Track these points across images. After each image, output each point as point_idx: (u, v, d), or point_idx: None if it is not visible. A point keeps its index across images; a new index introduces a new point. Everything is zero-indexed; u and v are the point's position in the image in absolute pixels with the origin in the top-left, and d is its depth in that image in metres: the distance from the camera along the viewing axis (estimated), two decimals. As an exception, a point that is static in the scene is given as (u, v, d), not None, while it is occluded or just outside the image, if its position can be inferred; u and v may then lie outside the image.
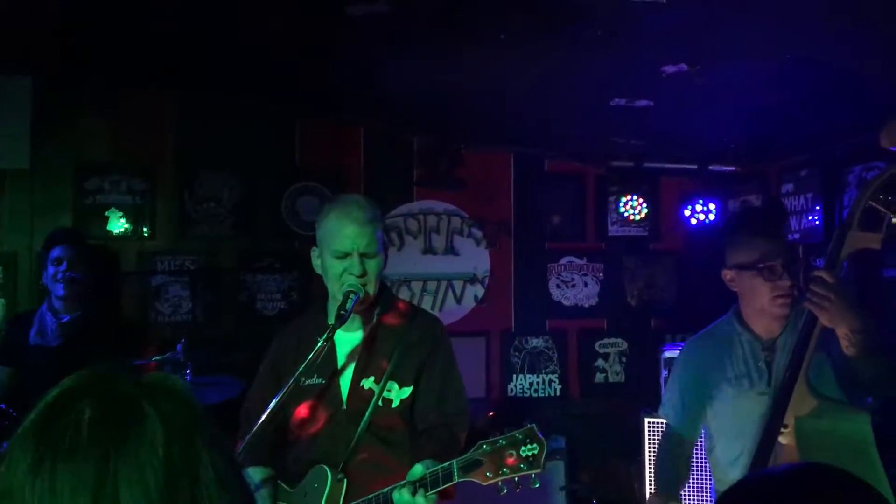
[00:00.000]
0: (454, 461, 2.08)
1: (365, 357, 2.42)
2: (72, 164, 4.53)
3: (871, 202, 2.26)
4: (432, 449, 2.27)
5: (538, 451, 2.03)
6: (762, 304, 2.52)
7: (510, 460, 2.03)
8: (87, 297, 3.95)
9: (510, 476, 2.03)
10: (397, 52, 3.43)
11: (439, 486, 2.10)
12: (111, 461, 0.79)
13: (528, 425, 2.07)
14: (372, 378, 2.39)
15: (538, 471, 2.03)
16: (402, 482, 2.15)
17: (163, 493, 0.78)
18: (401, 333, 2.43)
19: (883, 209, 2.24)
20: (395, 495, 2.14)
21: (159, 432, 0.80)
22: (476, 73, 3.62)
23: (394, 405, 2.38)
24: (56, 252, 3.87)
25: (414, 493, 2.11)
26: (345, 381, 2.41)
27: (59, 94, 4.40)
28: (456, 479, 2.07)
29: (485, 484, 2.05)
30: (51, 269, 3.87)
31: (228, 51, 3.68)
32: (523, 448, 2.03)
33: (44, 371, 3.50)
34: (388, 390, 2.38)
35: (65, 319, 3.86)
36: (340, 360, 2.44)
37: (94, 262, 4.10)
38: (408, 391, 2.39)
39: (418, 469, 2.14)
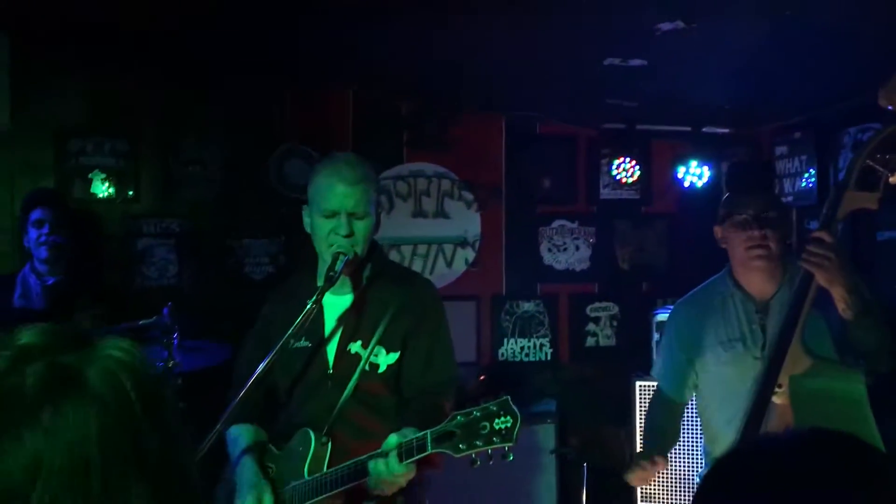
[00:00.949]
0: (428, 432, 2.05)
1: (353, 321, 2.38)
2: (53, 126, 4.44)
3: (868, 161, 2.24)
4: (415, 418, 2.24)
5: (511, 424, 1.99)
6: (740, 257, 2.54)
7: (483, 432, 1.99)
8: (71, 260, 3.89)
9: (483, 448, 2.00)
10: (385, 15, 3.34)
11: (414, 457, 2.07)
12: (43, 432, 0.76)
13: (503, 397, 2.03)
14: (359, 342, 2.35)
15: (511, 444, 2.00)
16: (377, 451, 2.12)
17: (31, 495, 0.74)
18: (391, 297, 2.39)
19: (880, 168, 2.23)
20: (371, 464, 2.11)
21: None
22: (466, 34, 3.54)
23: (380, 370, 2.35)
24: (37, 214, 3.80)
25: (387, 462, 2.08)
26: (332, 345, 2.38)
27: (40, 53, 4.29)
28: (429, 451, 2.04)
29: (457, 456, 2.01)
30: (32, 232, 3.80)
31: (212, 15, 3.58)
32: (497, 420, 1.99)
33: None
34: (375, 355, 2.34)
35: (49, 282, 3.81)
36: (328, 324, 2.40)
37: (77, 224, 4.03)
38: (395, 356, 2.36)
39: (393, 439, 2.11)
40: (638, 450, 4.03)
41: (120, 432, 0.78)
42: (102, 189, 4.50)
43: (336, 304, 2.41)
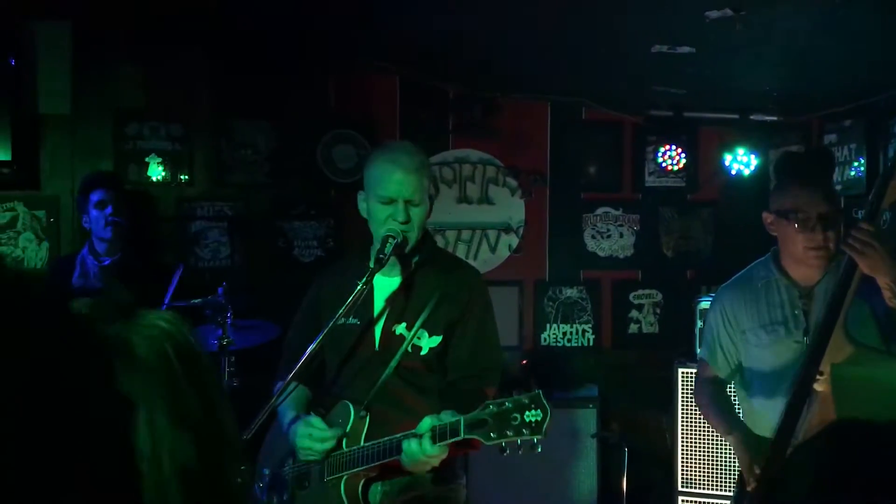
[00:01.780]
0: (462, 417, 2.12)
1: (400, 303, 2.45)
2: (111, 110, 4.58)
3: None
4: (458, 401, 2.30)
5: (542, 418, 2.05)
6: (796, 254, 2.52)
7: (514, 423, 2.05)
8: (128, 241, 4.02)
9: (513, 439, 2.06)
10: (434, 0, 3.39)
11: (447, 440, 2.14)
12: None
13: (536, 391, 2.09)
14: (404, 324, 2.43)
15: (540, 437, 2.05)
16: (411, 431, 2.20)
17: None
18: (438, 283, 2.45)
19: None
20: (405, 443, 2.19)
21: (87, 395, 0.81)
22: (512, 19, 3.57)
23: (423, 353, 2.42)
24: (98, 195, 3.93)
25: (420, 443, 2.16)
26: (378, 325, 2.46)
27: (99, 39, 4.42)
28: (461, 436, 2.11)
29: (488, 444, 2.09)
30: (94, 213, 3.92)
31: (262, 3, 3.66)
32: (528, 413, 2.05)
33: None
34: (419, 338, 2.42)
35: (106, 262, 3.94)
36: (377, 304, 2.47)
37: (134, 206, 4.16)
38: (437, 340, 2.42)
39: (427, 421, 2.19)
40: (680, 441, 4.05)
41: (164, 396, 0.83)
42: (158, 172, 4.64)
43: (385, 285, 2.48)
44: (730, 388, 2.87)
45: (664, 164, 4.96)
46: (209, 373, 0.90)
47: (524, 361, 4.92)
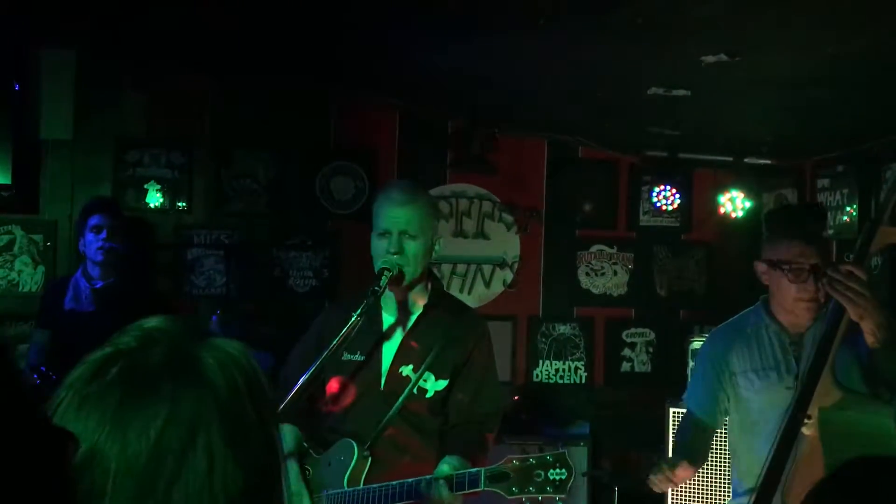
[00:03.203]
0: (482, 469, 2.15)
1: (408, 345, 2.48)
2: (112, 137, 4.62)
3: None
4: (460, 446, 2.34)
5: (566, 477, 2.09)
6: (787, 303, 2.55)
7: (538, 480, 2.08)
8: (123, 266, 4.03)
9: (535, 495, 2.09)
10: (434, 34, 3.45)
11: (465, 490, 2.16)
12: (107, 424, 0.82)
13: (561, 451, 2.13)
14: (411, 366, 2.45)
15: (563, 496, 2.09)
16: (427, 476, 2.21)
17: (145, 469, 0.81)
18: (445, 327, 2.49)
19: None
20: (423, 487, 2.20)
21: (162, 413, 0.83)
22: (512, 57, 3.63)
23: (428, 395, 2.44)
24: (95, 220, 3.94)
25: (439, 488, 2.17)
26: (385, 364, 2.48)
27: (102, 67, 4.48)
28: (482, 487, 2.14)
29: (509, 497, 2.11)
30: (89, 237, 3.94)
31: (264, 31, 3.72)
32: (552, 471, 2.09)
33: (77, 335, 3.59)
34: (424, 380, 2.44)
35: (98, 286, 3.94)
36: (384, 343, 2.50)
37: (132, 232, 4.18)
38: (443, 384, 2.45)
39: (445, 468, 2.21)
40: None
41: (226, 416, 0.85)
42: (156, 199, 4.67)
43: (394, 325, 2.52)
44: (725, 428, 2.88)
45: (659, 204, 5.01)
46: (270, 402, 0.92)
47: (516, 397, 4.91)
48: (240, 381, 0.88)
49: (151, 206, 4.66)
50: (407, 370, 2.45)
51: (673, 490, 4.06)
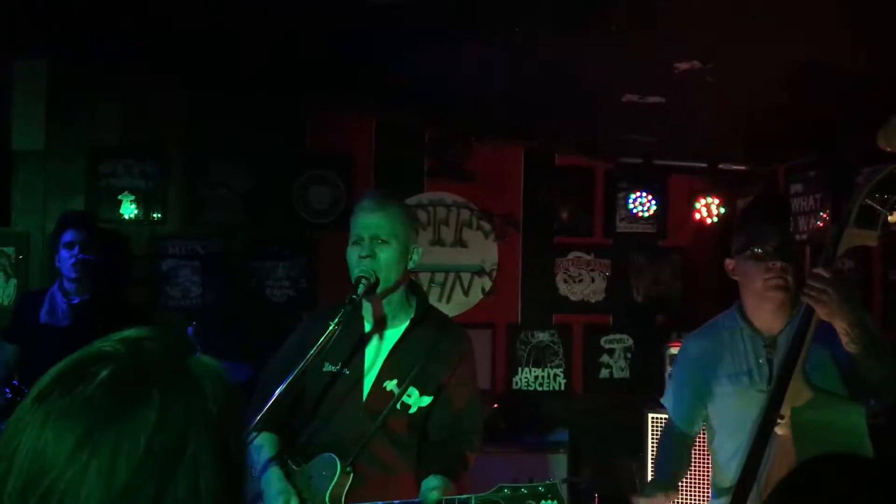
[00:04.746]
0: (472, 496, 2.14)
1: (392, 359, 2.46)
2: (85, 147, 4.58)
3: (867, 200, 2.29)
4: (440, 464, 2.32)
5: None
6: (757, 289, 2.55)
7: None
8: (98, 280, 3.99)
9: None
10: (411, 43, 3.45)
11: None
12: (95, 433, 0.81)
13: (552, 481, 2.13)
14: (395, 381, 2.43)
15: None
16: (415, 500, 2.20)
17: (129, 481, 0.80)
18: (430, 342, 2.46)
19: (879, 207, 2.29)
20: None
21: (151, 420, 0.82)
22: (489, 66, 3.64)
23: (411, 411, 2.42)
24: (69, 236, 3.91)
25: None
26: (369, 378, 2.46)
27: (75, 78, 4.44)
28: None
29: None
30: (64, 253, 3.90)
31: (241, 40, 3.71)
32: (543, 501, 2.09)
33: (53, 350, 3.52)
34: (409, 395, 2.42)
35: (75, 301, 3.90)
36: (368, 356, 2.48)
37: (106, 245, 4.14)
38: (427, 400, 2.43)
39: (433, 494, 2.19)
40: (649, 478, 4.06)
41: (215, 427, 0.85)
42: (130, 210, 4.62)
43: (378, 339, 2.49)
44: (702, 436, 2.90)
45: (635, 211, 5.04)
46: (244, 418, 0.94)
47: (495, 405, 4.91)
48: (223, 394, 0.88)
49: (126, 216, 4.62)
50: (391, 385, 2.43)
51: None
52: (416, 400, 2.42)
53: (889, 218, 2.27)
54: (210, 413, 0.85)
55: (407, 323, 2.49)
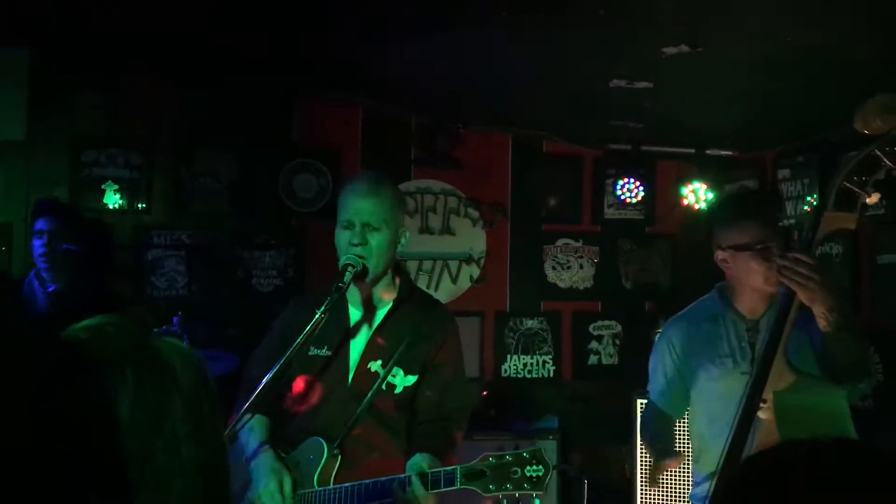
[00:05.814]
0: (458, 467, 2.12)
1: (376, 340, 2.44)
2: (68, 137, 4.52)
3: (845, 183, 2.30)
4: (427, 443, 2.31)
5: (543, 474, 2.06)
6: (757, 284, 2.56)
7: (514, 477, 2.06)
8: (77, 269, 3.93)
9: (512, 492, 2.07)
10: (397, 30, 3.42)
11: (440, 488, 2.14)
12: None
13: (537, 447, 2.11)
14: (379, 361, 2.42)
15: (540, 493, 2.08)
16: (401, 475, 2.18)
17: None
18: (415, 321, 2.45)
19: (857, 189, 2.29)
20: (395, 486, 2.16)
21: (129, 396, 0.84)
22: (475, 52, 3.62)
23: (396, 391, 2.41)
24: (39, 224, 3.79)
25: (414, 487, 2.14)
26: (353, 360, 2.44)
27: (57, 66, 4.37)
28: (458, 486, 2.11)
29: (485, 495, 2.09)
30: (35, 242, 3.81)
31: (227, 29, 3.66)
32: (528, 468, 2.07)
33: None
34: (393, 376, 2.41)
35: (51, 289, 3.83)
36: (351, 338, 2.46)
37: (83, 233, 4.06)
38: (412, 380, 2.42)
39: (417, 465, 2.18)
40: (640, 472, 4.07)
41: (186, 403, 0.87)
42: (114, 200, 4.57)
43: (362, 320, 2.47)
44: (686, 419, 2.90)
45: (623, 197, 5.03)
46: (216, 396, 0.95)
47: (485, 392, 4.91)
48: (193, 372, 0.90)
49: (110, 206, 4.56)
50: (375, 366, 2.41)
51: (642, 487, 4.08)
52: (402, 380, 2.41)
53: (867, 200, 2.27)
54: (181, 386, 0.87)
55: (391, 304, 2.47)
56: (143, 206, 4.63)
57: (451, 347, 2.50)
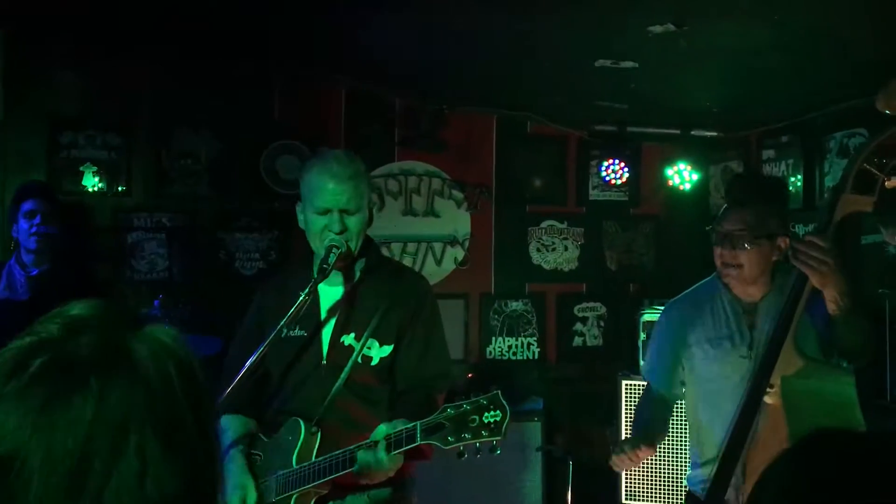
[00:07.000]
0: (418, 423, 2.07)
1: (346, 312, 2.40)
2: (46, 118, 4.43)
3: (865, 165, 2.25)
4: (408, 410, 2.25)
5: (501, 418, 2.00)
6: (718, 267, 2.56)
7: (473, 425, 2.00)
8: (58, 252, 3.88)
9: (471, 441, 2.01)
10: (379, 9, 3.36)
11: (402, 447, 2.09)
12: (29, 425, 0.77)
13: (494, 391, 2.03)
14: (353, 334, 2.37)
15: (499, 438, 2.00)
16: (365, 441, 2.14)
17: (72, 472, 0.76)
18: (385, 291, 2.41)
19: (877, 172, 2.24)
20: (360, 454, 2.13)
21: (90, 412, 0.78)
22: (460, 32, 3.57)
23: (373, 363, 2.37)
24: (28, 205, 3.80)
25: (375, 452, 2.10)
26: (326, 336, 2.40)
27: (33, 47, 4.28)
28: (418, 441, 2.06)
29: (446, 448, 2.03)
30: (23, 223, 3.79)
31: (206, 7, 3.59)
32: (487, 414, 2.00)
33: (12, 324, 3.43)
34: (368, 347, 2.36)
35: (34, 273, 3.80)
36: (323, 315, 2.42)
37: (66, 216, 4.02)
38: (388, 349, 2.38)
39: (381, 429, 2.14)
40: (622, 439, 4.08)
41: (160, 413, 0.80)
42: (93, 182, 4.50)
43: (330, 295, 2.43)
44: (679, 404, 2.89)
45: (608, 178, 5.02)
46: (206, 394, 0.88)
47: (469, 374, 4.90)
48: (174, 373, 0.83)
49: (89, 188, 4.49)
50: (349, 339, 2.37)
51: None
52: (377, 351, 2.36)
53: (887, 183, 2.22)
54: (155, 397, 0.80)
55: (358, 274, 2.43)
56: (123, 188, 4.56)
57: (426, 311, 2.44)
